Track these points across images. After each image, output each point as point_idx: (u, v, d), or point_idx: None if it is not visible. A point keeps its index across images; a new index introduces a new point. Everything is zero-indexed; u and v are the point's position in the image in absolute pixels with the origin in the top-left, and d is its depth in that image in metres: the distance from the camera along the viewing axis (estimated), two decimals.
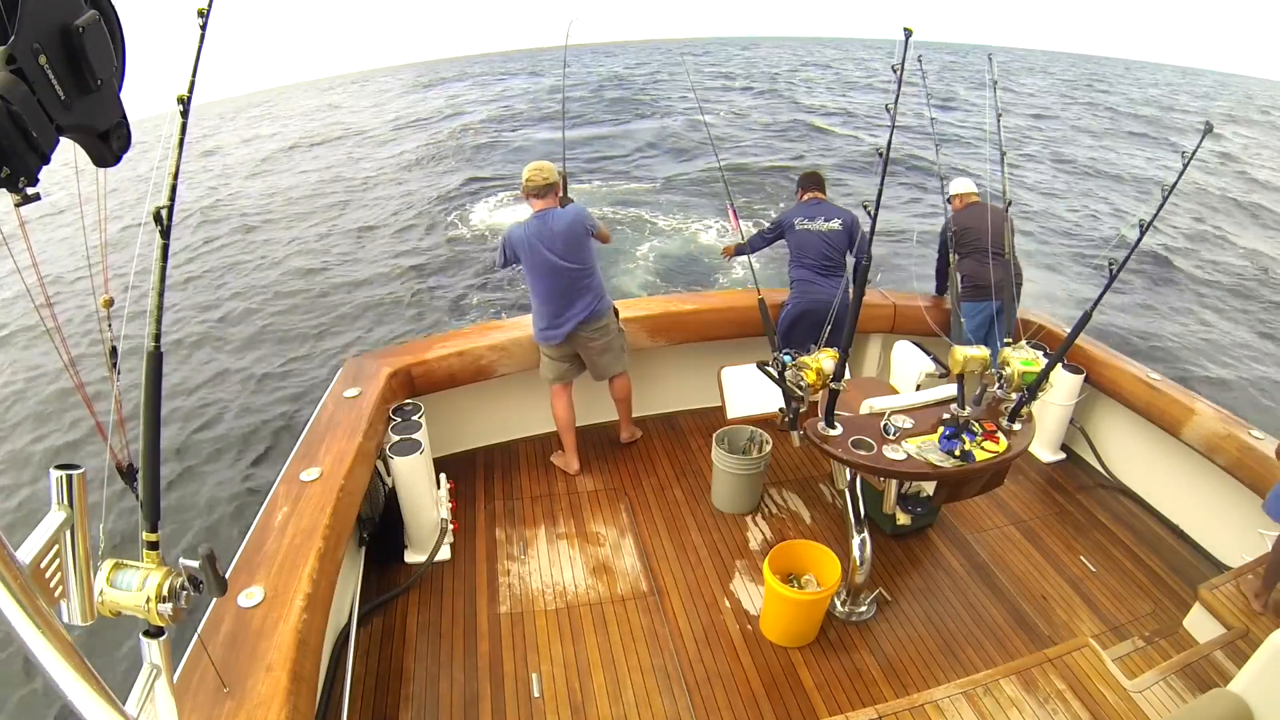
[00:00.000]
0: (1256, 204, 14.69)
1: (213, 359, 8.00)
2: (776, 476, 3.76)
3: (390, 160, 19.55)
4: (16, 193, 0.73)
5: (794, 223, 3.88)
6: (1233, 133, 25.00)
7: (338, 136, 25.16)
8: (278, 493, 2.47)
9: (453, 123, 25.34)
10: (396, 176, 17.47)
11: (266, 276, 10.81)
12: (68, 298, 8.67)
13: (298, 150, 23.14)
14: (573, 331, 3.44)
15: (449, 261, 10.91)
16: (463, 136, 22.15)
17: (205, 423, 6.68)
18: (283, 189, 17.01)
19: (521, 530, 3.36)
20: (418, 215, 13.70)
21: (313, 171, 18.85)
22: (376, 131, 25.48)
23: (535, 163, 3.38)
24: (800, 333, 3.77)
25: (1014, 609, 3.00)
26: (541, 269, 3.33)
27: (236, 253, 12.14)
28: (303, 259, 11.51)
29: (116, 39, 0.84)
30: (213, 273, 11.12)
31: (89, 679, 0.86)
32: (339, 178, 17.72)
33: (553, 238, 3.30)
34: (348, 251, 11.90)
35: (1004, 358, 2.71)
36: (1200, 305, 9.47)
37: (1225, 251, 11.69)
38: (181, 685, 1.71)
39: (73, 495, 0.93)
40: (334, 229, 13.22)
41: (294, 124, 31.08)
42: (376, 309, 9.27)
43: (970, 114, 22.89)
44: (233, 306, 9.56)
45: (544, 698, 2.55)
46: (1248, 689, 2.03)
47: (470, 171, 16.93)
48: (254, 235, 13.23)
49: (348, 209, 14.71)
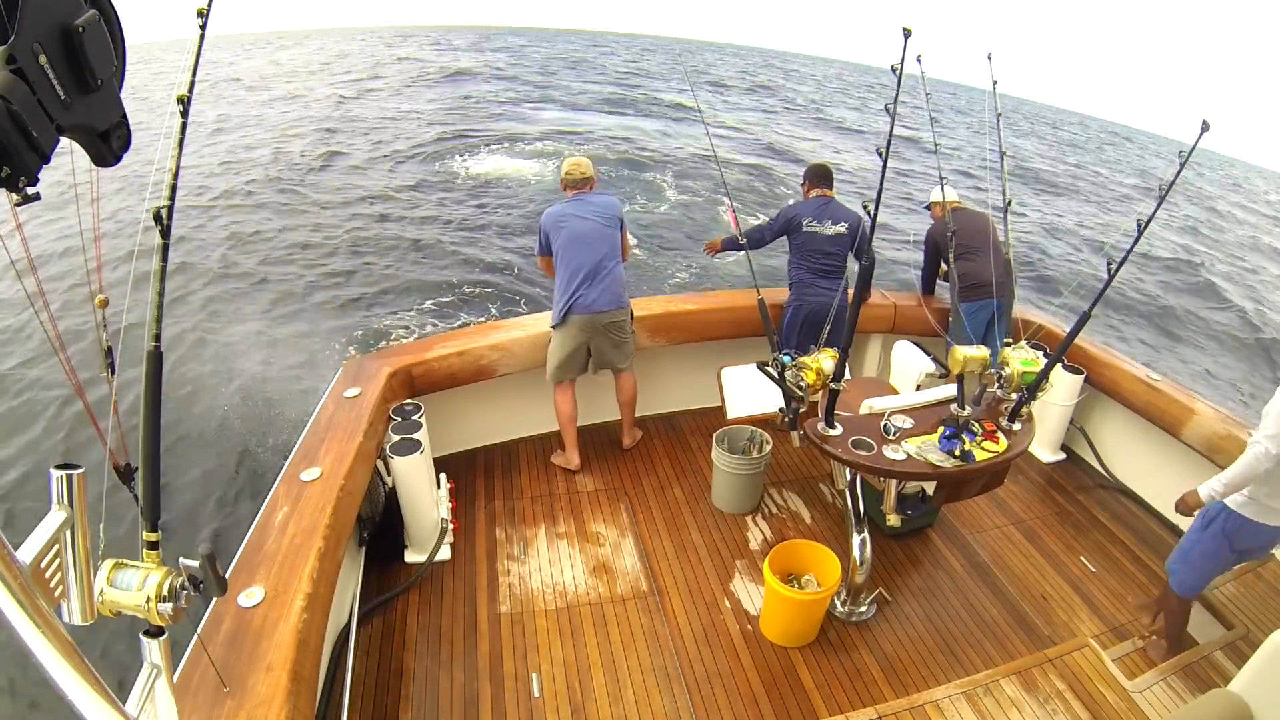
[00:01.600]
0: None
1: (213, 355, 7.99)
2: (776, 476, 3.76)
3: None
4: (16, 192, 0.73)
5: (802, 222, 3.79)
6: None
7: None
8: (278, 492, 2.47)
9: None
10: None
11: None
12: (67, 298, 8.67)
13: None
14: (595, 315, 3.45)
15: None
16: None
17: (205, 422, 6.68)
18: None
19: (521, 530, 3.36)
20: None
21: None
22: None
23: (574, 158, 3.57)
24: (803, 337, 3.77)
25: (1014, 609, 3.00)
26: (577, 238, 3.44)
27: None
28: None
29: (116, 39, 0.84)
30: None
31: (89, 679, 0.86)
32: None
33: (592, 209, 3.47)
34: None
35: (1004, 358, 2.71)
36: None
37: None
38: (181, 685, 1.71)
39: (73, 495, 0.93)
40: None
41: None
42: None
43: (968, 139, 22.74)
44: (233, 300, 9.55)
45: (544, 697, 2.55)
46: (1248, 689, 2.03)
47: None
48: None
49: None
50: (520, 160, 15.97)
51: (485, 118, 21.19)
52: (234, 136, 17.36)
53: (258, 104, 22.58)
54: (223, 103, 22.19)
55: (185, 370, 7.66)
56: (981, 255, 3.86)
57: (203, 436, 6.46)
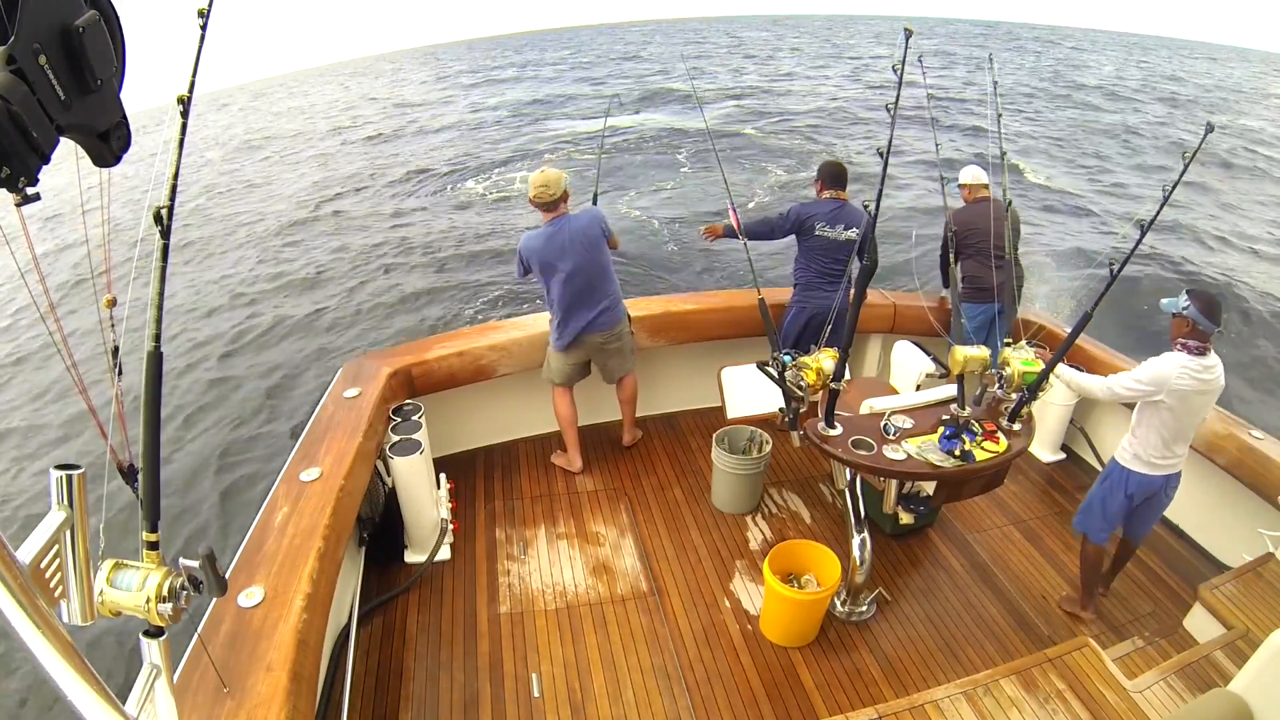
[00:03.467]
0: None
1: (214, 356, 8.00)
2: (776, 476, 3.76)
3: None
4: (16, 193, 0.73)
5: (815, 226, 3.66)
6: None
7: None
8: (278, 493, 2.47)
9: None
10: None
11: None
12: (68, 298, 8.68)
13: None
14: (591, 340, 3.45)
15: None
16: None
17: (205, 422, 6.68)
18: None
19: (521, 530, 3.36)
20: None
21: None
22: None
23: (541, 175, 3.24)
24: (805, 340, 3.75)
25: (1014, 609, 3.00)
26: (560, 276, 3.30)
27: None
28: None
29: (116, 39, 0.84)
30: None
31: (89, 679, 0.86)
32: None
33: (568, 244, 3.27)
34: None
35: (1004, 358, 2.71)
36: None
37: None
38: (181, 685, 1.71)
39: (73, 495, 0.93)
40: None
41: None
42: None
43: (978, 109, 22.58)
44: (234, 302, 9.56)
45: (544, 698, 2.55)
46: (1248, 689, 2.03)
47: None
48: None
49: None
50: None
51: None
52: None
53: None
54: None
55: (186, 369, 7.68)
56: (988, 258, 3.83)
57: (203, 436, 6.47)
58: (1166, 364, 2.56)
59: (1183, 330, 2.56)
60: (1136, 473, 2.74)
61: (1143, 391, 2.59)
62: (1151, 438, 2.66)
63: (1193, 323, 2.53)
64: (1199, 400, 2.58)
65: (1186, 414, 2.60)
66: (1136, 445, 2.72)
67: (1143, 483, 2.74)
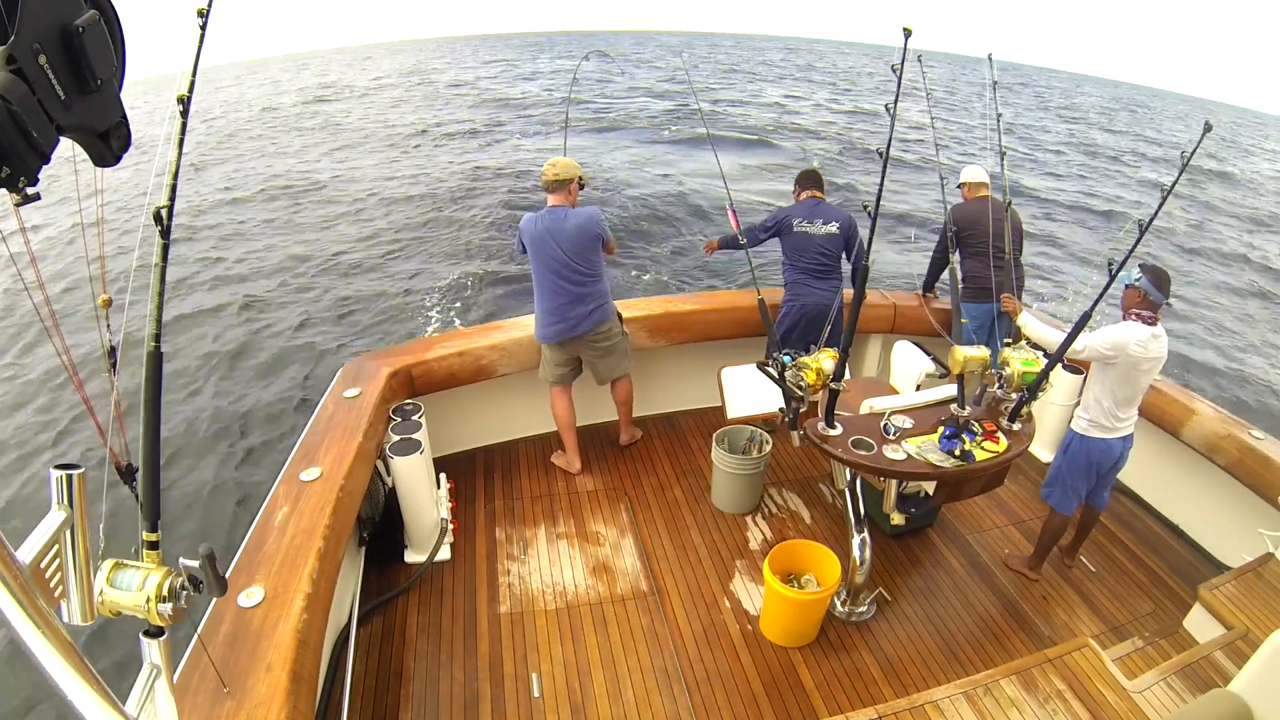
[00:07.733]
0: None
1: (212, 355, 7.99)
2: (776, 476, 3.76)
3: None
4: (16, 192, 0.73)
5: (792, 223, 3.81)
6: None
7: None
8: (278, 493, 2.47)
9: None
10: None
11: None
12: (66, 298, 8.66)
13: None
14: (575, 337, 3.44)
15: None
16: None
17: (205, 422, 6.67)
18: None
19: (521, 530, 3.36)
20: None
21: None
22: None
23: (555, 158, 3.41)
24: (800, 337, 3.76)
25: (1014, 609, 3.00)
26: (547, 265, 3.34)
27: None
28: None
29: (116, 39, 0.84)
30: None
31: (89, 679, 0.86)
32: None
33: (562, 235, 3.31)
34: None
35: (1004, 358, 2.71)
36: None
37: None
38: (181, 685, 1.71)
39: (73, 495, 0.93)
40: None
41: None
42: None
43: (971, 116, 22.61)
44: (234, 300, 9.55)
45: (544, 698, 2.55)
46: (1248, 689, 2.03)
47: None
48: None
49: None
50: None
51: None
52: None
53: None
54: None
55: (185, 370, 7.67)
56: (989, 257, 3.83)
57: (203, 436, 6.47)
58: (1124, 331, 2.72)
59: (1135, 300, 2.73)
60: (1094, 438, 2.91)
61: (1103, 355, 2.75)
62: (1105, 401, 2.85)
63: (1144, 294, 2.69)
64: (1147, 365, 2.75)
65: (1136, 378, 2.79)
66: (1092, 410, 2.90)
67: (1102, 448, 2.91)
